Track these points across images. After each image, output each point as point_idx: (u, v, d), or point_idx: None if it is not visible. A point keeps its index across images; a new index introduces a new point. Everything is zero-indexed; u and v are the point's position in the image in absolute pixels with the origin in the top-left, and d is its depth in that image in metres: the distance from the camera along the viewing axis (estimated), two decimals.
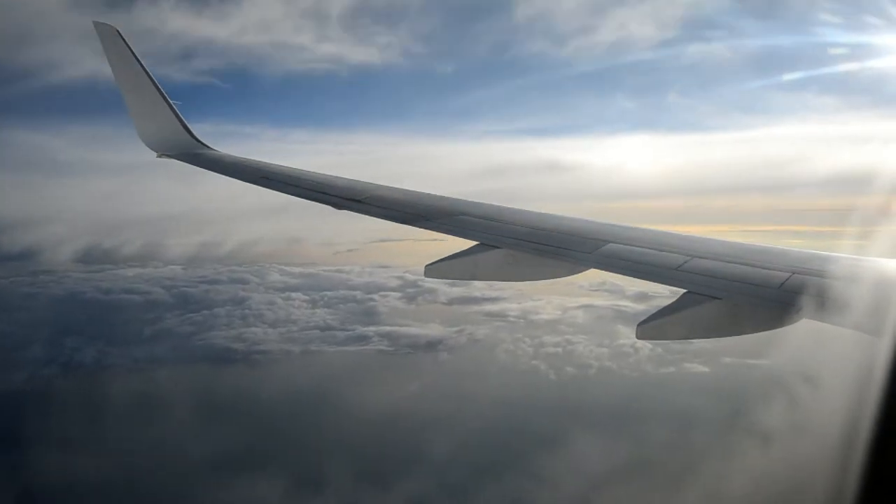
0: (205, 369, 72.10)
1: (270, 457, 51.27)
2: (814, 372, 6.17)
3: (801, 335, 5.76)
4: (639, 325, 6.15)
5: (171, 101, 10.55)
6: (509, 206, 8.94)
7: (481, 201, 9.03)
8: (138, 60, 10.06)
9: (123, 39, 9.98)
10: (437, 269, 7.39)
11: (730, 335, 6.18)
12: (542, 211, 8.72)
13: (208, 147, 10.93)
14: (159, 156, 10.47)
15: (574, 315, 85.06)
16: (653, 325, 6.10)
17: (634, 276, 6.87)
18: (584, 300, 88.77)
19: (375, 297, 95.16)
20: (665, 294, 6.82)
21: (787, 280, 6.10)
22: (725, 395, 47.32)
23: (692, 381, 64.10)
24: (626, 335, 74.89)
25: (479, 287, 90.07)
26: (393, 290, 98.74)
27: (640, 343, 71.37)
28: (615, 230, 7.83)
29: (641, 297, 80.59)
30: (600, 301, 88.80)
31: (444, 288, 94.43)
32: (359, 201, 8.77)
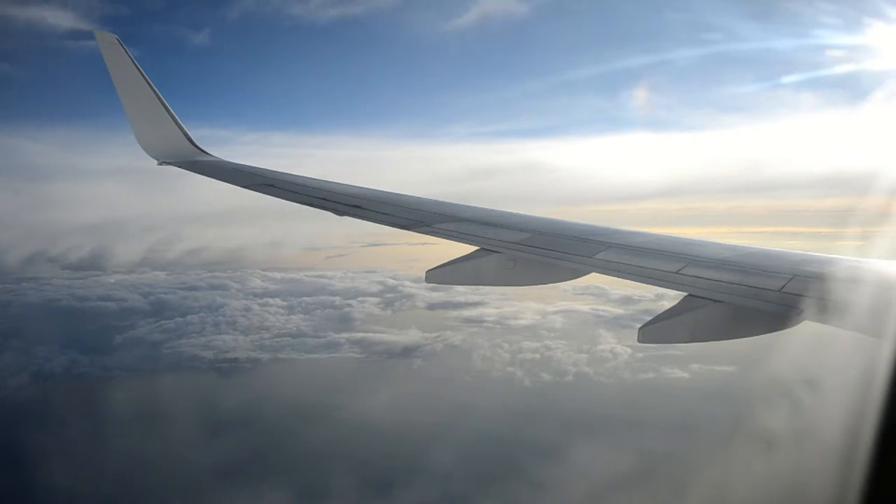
0: (171, 379, 71.10)
1: (224, 466, 51.11)
2: (816, 374, 6.27)
3: (803, 337, 5.85)
4: (640, 329, 6.09)
5: (170, 109, 10.52)
6: (504, 209, 8.96)
7: (479, 206, 9.04)
8: (138, 68, 10.05)
9: (123, 48, 9.97)
10: (438, 274, 7.26)
11: (731, 338, 6.18)
12: (539, 214, 8.76)
13: (208, 154, 10.91)
14: (160, 163, 10.42)
15: (553, 320, 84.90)
16: (655, 328, 6.07)
17: (635, 280, 6.86)
18: (567, 304, 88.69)
19: (353, 302, 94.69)
20: (650, 297, 6.90)
21: (787, 282, 6.17)
22: (721, 399, 47.48)
23: (677, 385, 64.06)
24: (607, 340, 75.03)
25: (459, 291, 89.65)
26: (372, 295, 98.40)
27: (619, 348, 71.51)
28: (615, 234, 7.90)
29: (626, 300, 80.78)
30: (584, 305, 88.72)
31: (423, 293, 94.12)
32: (360, 207, 8.75)
